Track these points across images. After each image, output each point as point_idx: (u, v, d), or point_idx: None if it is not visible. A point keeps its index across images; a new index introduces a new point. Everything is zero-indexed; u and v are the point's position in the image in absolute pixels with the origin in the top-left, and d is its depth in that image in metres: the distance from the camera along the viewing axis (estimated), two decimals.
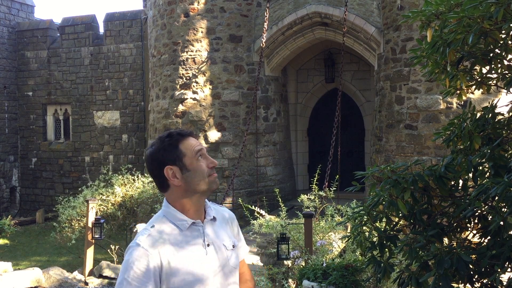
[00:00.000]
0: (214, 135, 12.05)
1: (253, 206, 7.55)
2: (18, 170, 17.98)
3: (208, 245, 2.15)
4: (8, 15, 17.78)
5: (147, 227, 2.14)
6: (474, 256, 2.76)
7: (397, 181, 2.88)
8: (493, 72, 3.12)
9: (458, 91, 3.25)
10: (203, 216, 2.20)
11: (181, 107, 12.20)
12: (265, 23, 11.60)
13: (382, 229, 3.04)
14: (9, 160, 17.70)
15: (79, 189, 11.62)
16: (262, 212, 7.33)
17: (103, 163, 16.57)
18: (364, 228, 3.08)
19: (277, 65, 12.84)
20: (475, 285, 2.86)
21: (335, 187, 7.93)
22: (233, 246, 2.24)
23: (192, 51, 12.15)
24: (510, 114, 3.05)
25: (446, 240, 3.03)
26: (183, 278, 2.05)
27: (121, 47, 16.48)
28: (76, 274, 8.36)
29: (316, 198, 7.40)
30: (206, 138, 12.04)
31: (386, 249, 2.99)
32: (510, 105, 3.11)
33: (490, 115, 3.04)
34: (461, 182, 3.06)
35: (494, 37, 2.79)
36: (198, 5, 12.09)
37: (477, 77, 3.21)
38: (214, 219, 2.23)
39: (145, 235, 2.08)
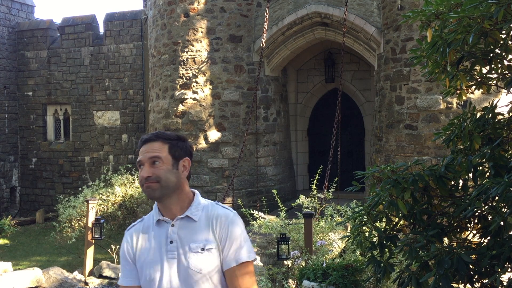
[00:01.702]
0: (214, 135, 12.05)
1: (251, 210, 7.53)
2: (18, 170, 17.98)
3: (171, 242, 2.20)
4: (8, 15, 17.78)
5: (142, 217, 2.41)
6: (474, 256, 2.76)
7: (397, 181, 2.88)
8: (493, 72, 3.12)
9: (458, 91, 3.25)
10: (179, 214, 2.24)
11: (181, 107, 12.20)
12: (265, 23, 11.59)
13: (382, 229, 3.04)
14: (9, 160, 17.70)
15: (79, 189, 11.62)
16: (261, 214, 7.33)
17: (103, 163, 16.57)
18: (364, 228, 3.09)
19: (277, 65, 12.83)
20: (475, 285, 2.86)
21: (333, 189, 7.93)
22: (202, 249, 2.17)
23: (192, 51, 12.14)
24: (510, 114, 3.05)
25: (446, 240, 3.03)
26: (143, 267, 2.23)
27: (121, 47, 16.48)
28: (76, 274, 8.35)
29: (316, 199, 7.39)
30: (206, 138, 12.04)
31: (386, 249, 2.99)
32: (510, 105, 3.11)
33: (490, 115, 3.05)
34: (461, 182, 3.06)
35: (494, 37, 2.79)
36: (198, 5, 12.09)
37: (477, 77, 3.21)
38: (187, 218, 2.22)
39: (135, 224, 2.36)
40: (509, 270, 2.67)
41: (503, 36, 2.85)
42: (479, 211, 2.86)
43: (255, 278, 2.28)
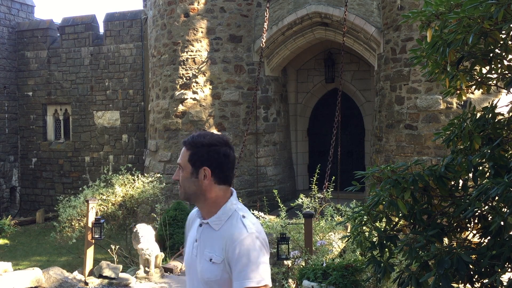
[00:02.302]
0: None
1: (251, 209, 7.54)
2: (18, 170, 17.98)
3: (196, 240, 2.35)
4: (8, 15, 17.78)
5: None
6: (474, 256, 2.76)
7: (397, 181, 2.88)
8: (493, 72, 3.12)
9: (458, 91, 3.26)
10: (207, 217, 2.34)
11: (181, 107, 12.19)
12: (265, 23, 11.59)
13: (382, 229, 3.04)
14: (9, 160, 17.70)
15: (80, 189, 11.61)
16: (261, 214, 7.33)
17: (103, 163, 16.57)
18: (364, 228, 3.09)
19: (277, 65, 12.83)
20: (475, 285, 2.86)
21: (332, 188, 7.93)
22: (210, 260, 2.23)
23: (192, 51, 12.14)
24: (510, 114, 3.05)
25: (446, 240, 3.03)
26: (185, 250, 2.47)
27: (121, 47, 16.48)
28: (76, 274, 8.34)
29: (315, 199, 7.39)
30: None
31: (386, 249, 2.99)
32: (510, 105, 3.11)
33: (490, 115, 3.05)
34: (461, 182, 3.06)
35: (494, 37, 2.79)
36: (198, 5, 12.09)
37: (477, 77, 3.22)
38: (209, 225, 2.31)
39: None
40: (509, 270, 2.67)
41: (503, 36, 2.85)
42: (479, 211, 2.86)
43: None
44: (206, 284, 2.24)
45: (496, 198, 2.60)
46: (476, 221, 2.99)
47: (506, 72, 3.06)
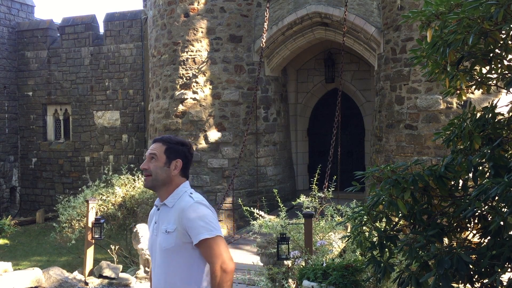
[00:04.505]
0: (214, 135, 12.05)
1: (252, 208, 7.53)
2: (18, 170, 17.98)
3: (156, 222, 2.86)
4: (8, 15, 17.78)
5: None
6: (474, 256, 2.76)
7: (397, 181, 2.88)
8: (493, 72, 3.12)
9: (458, 91, 3.25)
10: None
11: (181, 107, 12.19)
12: (265, 23, 11.59)
13: (382, 229, 3.04)
14: (9, 160, 17.70)
15: (79, 189, 11.61)
16: (262, 213, 7.32)
17: (103, 163, 16.57)
18: (364, 228, 3.09)
19: (277, 65, 12.83)
20: (475, 285, 2.86)
21: (333, 188, 7.93)
22: (166, 231, 2.73)
23: (192, 51, 12.14)
24: (510, 114, 3.05)
25: (446, 240, 3.03)
26: (148, 236, 2.97)
27: (121, 47, 16.48)
28: (76, 274, 8.35)
29: (316, 199, 7.39)
30: (206, 138, 12.03)
31: (386, 249, 2.99)
32: (510, 105, 3.11)
33: (490, 115, 3.05)
34: (461, 182, 3.06)
35: (494, 37, 2.79)
36: (198, 5, 12.09)
37: (477, 77, 3.21)
38: (165, 205, 2.81)
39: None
40: (509, 270, 2.67)
41: (503, 36, 2.85)
42: (479, 211, 2.86)
43: (220, 248, 2.66)
44: (164, 253, 2.72)
45: (496, 198, 2.60)
46: (476, 221, 2.99)
47: (506, 72, 3.06)
